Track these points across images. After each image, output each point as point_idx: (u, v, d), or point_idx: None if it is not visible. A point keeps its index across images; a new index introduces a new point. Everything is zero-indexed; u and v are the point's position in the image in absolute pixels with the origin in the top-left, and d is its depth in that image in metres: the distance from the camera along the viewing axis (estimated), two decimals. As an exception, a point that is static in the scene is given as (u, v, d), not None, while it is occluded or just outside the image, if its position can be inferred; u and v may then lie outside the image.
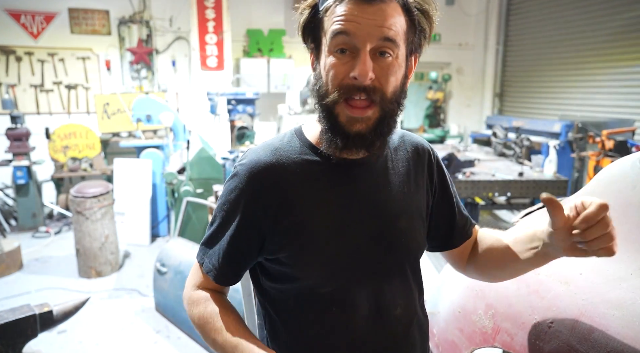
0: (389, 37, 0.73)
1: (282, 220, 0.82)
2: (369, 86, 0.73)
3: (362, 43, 0.72)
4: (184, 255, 3.00)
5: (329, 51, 0.75)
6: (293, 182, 0.82)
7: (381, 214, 0.86)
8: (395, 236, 0.86)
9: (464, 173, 3.69)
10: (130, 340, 2.91)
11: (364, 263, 0.84)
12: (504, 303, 1.06)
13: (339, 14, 0.73)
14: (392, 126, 0.80)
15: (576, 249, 0.74)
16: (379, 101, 0.75)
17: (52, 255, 4.37)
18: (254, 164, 0.83)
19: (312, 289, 0.83)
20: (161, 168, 4.79)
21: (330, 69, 0.75)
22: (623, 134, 4.08)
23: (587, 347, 0.84)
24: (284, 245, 0.82)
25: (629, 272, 0.91)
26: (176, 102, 6.27)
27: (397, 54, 0.75)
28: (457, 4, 7.75)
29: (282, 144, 0.86)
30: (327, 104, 0.76)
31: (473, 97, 8.17)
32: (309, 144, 0.86)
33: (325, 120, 0.78)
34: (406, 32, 0.77)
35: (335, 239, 0.82)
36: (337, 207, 0.83)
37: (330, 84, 0.75)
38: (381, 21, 0.72)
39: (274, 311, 0.89)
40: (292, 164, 0.83)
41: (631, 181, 1.01)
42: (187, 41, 6.33)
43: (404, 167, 0.91)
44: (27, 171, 4.91)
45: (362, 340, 0.85)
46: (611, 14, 5.55)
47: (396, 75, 0.76)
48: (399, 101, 0.79)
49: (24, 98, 5.84)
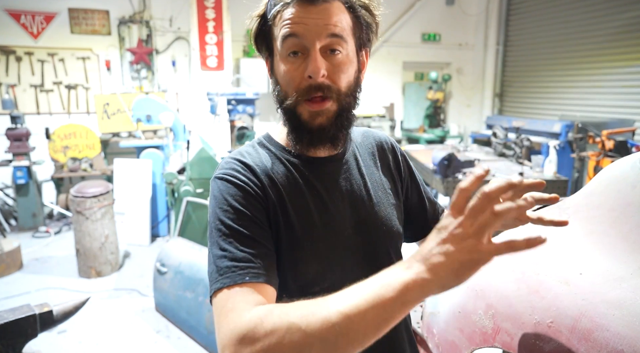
0: (335, 33, 0.76)
1: (278, 211, 0.81)
2: (323, 83, 0.77)
3: (311, 42, 0.76)
4: (184, 255, 3.00)
5: (281, 56, 0.80)
6: (276, 184, 0.82)
7: (360, 204, 0.88)
8: (376, 224, 0.89)
9: (464, 173, 3.69)
10: (130, 340, 2.91)
11: (354, 255, 0.86)
12: (504, 303, 1.06)
13: (286, 18, 0.77)
14: (350, 118, 0.84)
15: None
16: (335, 97, 0.79)
17: (52, 255, 4.37)
18: (238, 162, 0.82)
19: (306, 287, 0.81)
20: (161, 168, 4.80)
21: (285, 74, 0.79)
22: (623, 134, 4.08)
23: (587, 347, 0.84)
24: (281, 238, 0.80)
25: (629, 272, 0.91)
26: (176, 102, 6.27)
27: (346, 49, 0.79)
28: (457, 4, 7.75)
29: (255, 151, 0.87)
30: (288, 106, 0.80)
31: (473, 97, 8.18)
32: (281, 147, 0.88)
33: (289, 121, 0.82)
34: (352, 28, 0.81)
35: (326, 234, 0.83)
36: (318, 204, 0.84)
37: (288, 88, 0.80)
38: (327, 19, 0.76)
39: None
40: (272, 166, 0.84)
41: (631, 181, 1.01)
42: (187, 41, 6.34)
43: (372, 161, 0.95)
44: (27, 171, 4.91)
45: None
46: (611, 14, 5.56)
47: (348, 70, 0.80)
48: (355, 95, 0.83)
49: (24, 98, 5.84)
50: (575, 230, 1.08)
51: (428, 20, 7.72)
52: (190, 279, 2.86)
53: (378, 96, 7.48)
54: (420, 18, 7.66)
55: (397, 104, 7.65)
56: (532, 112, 7.01)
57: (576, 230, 1.08)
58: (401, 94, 7.96)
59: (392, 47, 7.59)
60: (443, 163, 3.59)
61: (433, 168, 3.74)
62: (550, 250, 1.08)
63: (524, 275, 1.05)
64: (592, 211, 1.06)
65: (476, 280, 1.13)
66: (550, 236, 1.11)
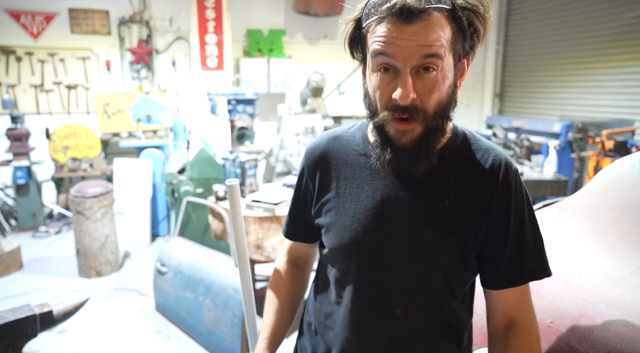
0: (431, 54, 0.73)
1: (323, 193, 0.96)
2: (410, 106, 0.75)
3: (402, 64, 0.73)
4: (184, 255, 3.00)
5: (372, 68, 0.79)
6: (340, 167, 0.94)
7: (408, 219, 0.85)
8: (415, 244, 0.85)
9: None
10: (130, 340, 2.91)
11: (372, 257, 0.89)
12: (504, 303, 1.05)
13: (379, 34, 0.74)
14: (437, 139, 0.82)
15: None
16: (422, 118, 0.78)
17: (52, 255, 4.37)
18: (313, 146, 1.01)
19: (331, 262, 0.97)
20: (161, 168, 4.79)
21: (376, 89, 0.79)
22: (623, 134, 4.08)
23: (587, 347, 0.84)
24: (319, 216, 0.97)
25: (629, 272, 0.91)
26: (176, 102, 6.27)
27: (442, 66, 0.75)
28: (457, 4, 7.75)
29: (345, 133, 0.99)
30: (378, 122, 0.82)
31: (473, 97, 8.18)
32: (367, 139, 0.94)
33: (377, 134, 0.84)
34: (453, 41, 0.75)
35: (354, 228, 0.89)
36: (367, 201, 0.89)
37: (378, 104, 0.80)
38: (422, 40, 0.72)
39: (317, 276, 1.06)
40: (345, 152, 0.95)
41: (631, 181, 1.01)
42: (187, 41, 6.33)
43: (458, 181, 0.85)
44: (27, 171, 4.91)
45: (360, 324, 0.91)
46: (611, 14, 5.55)
47: (440, 89, 0.77)
48: (446, 114, 0.81)
49: (24, 98, 5.84)
50: (575, 230, 1.08)
51: (428, 20, 7.71)
52: (190, 279, 2.86)
53: (378, 96, 7.48)
54: (420, 18, 7.65)
55: (397, 104, 7.65)
56: (532, 112, 7.01)
57: (576, 230, 1.08)
58: (401, 94, 7.97)
59: (392, 47, 7.60)
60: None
61: (433, 168, 3.74)
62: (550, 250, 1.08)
63: (524, 275, 1.05)
64: (592, 211, 1.06)
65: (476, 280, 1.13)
66: (550, 236, 1.11)
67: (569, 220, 1.12)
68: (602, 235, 1.02)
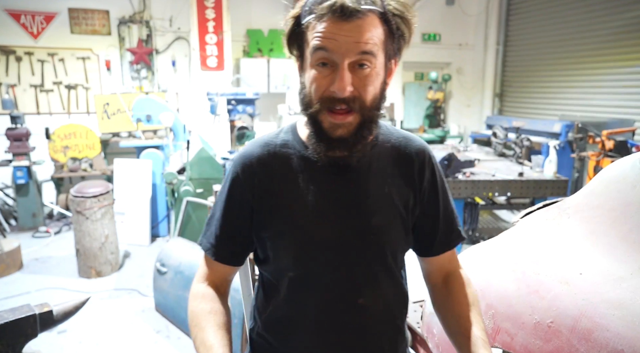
0: (365, 51, 0.78)
1: (266, 203, 0.92)
2: (348, 97, 0.80)
3: (340, 59, 0.78)
4: (184, 255, 3.00)
5: (311, 64, 0.82)
6: (279, 172, 0.92)
7: (357, 210, 0.91)
8: (365, 231, 0.91)
9: (464, 173, 3.69)
10: (130, 340, 2.91)
11: (332, 252, 0.91)
12: (504, 303, 1.06)
13: (319, 30, 0.78)
14: (372, 129, 0.88)
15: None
16: (359, 109, 0.82)
17: (52, 255, 4.37)
18: (247, 154, 0.95)
19: (283, 271, 0.93)
20: (161, 168, 4.79)
21: (312, 81, 0.82)
22: (623, 134, 4.08)
23: (587, 347, 0.84)
24: (265, 226, 0.92)
25: (629, 272, 0.91)
26: (176, 102, 6.27)
27: (375, 64, 0.81)
28: (457, 4, 7.75)
29: (274, 139, 0.96)
30: (312, 113, 0.84)
31: (473, 97, 8.18)
32: (300, 140, 0.94)
33: (311, 126, 0.86)
34: (384, 41, 0.82)
35: (309, 228, 0.90)
36: (315, 199, 0.90)
37: (313, 95, 0.83)
38: (358, 37, 0.77)
39: (262, 291, 1.00)
40: (281, 156, 0.93)
41: (631, 181, 1.01)
42: (187, 41, 6.34)
43: (391, 167, 0.95)
44: (27, 171, 4.91)
45: (325, 322, 0.93)
46: (611, 14, 5.55)
47: (374, 84, 0.83)
48: (379, 107, 0.86)
49: (24, 98, 5.84)
50: (575, 230, 1.08)
51: (428, 20, 7.71)
52: (190, 279, 2.85)
53: (378, 96, 7.48)
54: (420, 18, 7.53)
55: (397, 104, 7.65)
56: (532, 112, 7.01)
57: (576, 230, 1.08)
58: (401, 94, 7.96)
59: (392, 47, 7.60)
60: (443, 163, 3.59)
61: (433, 168, 3.74)
62: (550, 250, 1.08)
63: (524, 275, 1.05)
64: (592, 211, 1.06)
65: (476, 280, 1.13)
66: (550, 236, 1.11)
67: (569, 220, 1.12)
68: (602, 235, 1.02)
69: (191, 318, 0.93)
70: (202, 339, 0.86)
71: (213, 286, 0.98)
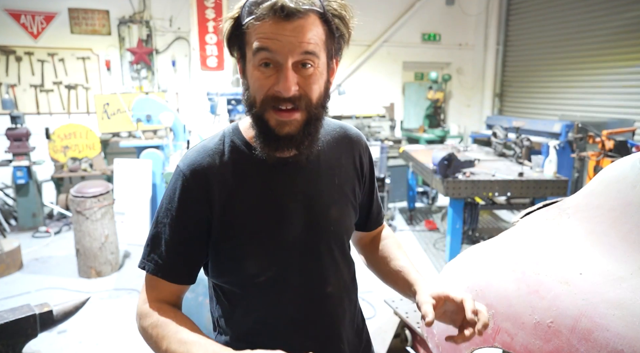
0: (308, 51, 0.79)
1: (225, 214, 0.89)
2: (294, 95, 0.81)
3: (284, 59, 0.79)
4: (184, 255, 3.00)
5: (253, 64, 0.82)
6: (233, 180, 0.90)
7: (313, 205, 0.94)
8: (326, 225, 0.96)
9: (464, 173, 3.69)
10: (130, 340, 2.91)
11: (298, 249, 0.93)
12: (504, 303, 1.06)
13: (261, 31, 0.79)
14: (318, 126, 0.89)
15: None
16: (305, 106, 0.83)
17: (52, 255, 4.37)
18: (195, 165, 0.89)
19: (254, 277, 0.92)
20: (161, 168, 4.79)
21: (255, 81, 0.82)
22: (623, 134, 4.08)
23: (587, 347, 0.84)
24: (227, 240, 0.90)
25: (629, 272, 0.92)
26: (176, 102, 6.28)
27: (317, 63, 0.82)
28: (457, 4, 7.75)
29: (219, 145, 0.93)
30: (256, 113, 0.84)
31: (473, 97, 8.18)
32: (245, 142, 0.92)
33: (257, 126, 0.86)
34: (325, 41, 0.83)
35: (273, 231, 0.91)
36: (274, 201, 0.91)
37: (257, 95, 0.83)
38: (301, 37, 0.78)
39: (222, 294, 0.98)
40: (231, 162, 0.91)
41: (631, 181, 1.01)
42: (187, 41, 6.34)
43: (336, 159, 0.99)
44: (27, 171, 4.91)
45: (301, 318, 0.96)
46: (611, 14, 5.56)
47: (318, 82, 0.84)
48: (324, 104, 0.88)
49: (24, 98, 5.84)
50: (575, 230, 1.08)
51: (428, 20, 7.72)
52: (190, 279, 2.85)
53: (378, 96, 7.48)
54: (420, 18, 7.65)
55: (397, 104, 7.65)
56: (532, 112, 7.01)
57: (576, 230, 1.08)
58: (401, 94, 7.96)
59: (392, 47, 7.60)
60: (443, 163, 3.59)
61: (433, 168, 3.74)
62: (550, 250, 1.08)
63: (524, 275, 1.05)
64: (592, 211, 1.06)
65: (476, 280, 1.13)
66: (550, 236, 1.11)
67: (569, 220, 1.12)
68: (602, 235, 1.02)
69: (151, 334, 0.84)
70: (179, 340, 0.80)
71: (165, 303, 0.91)
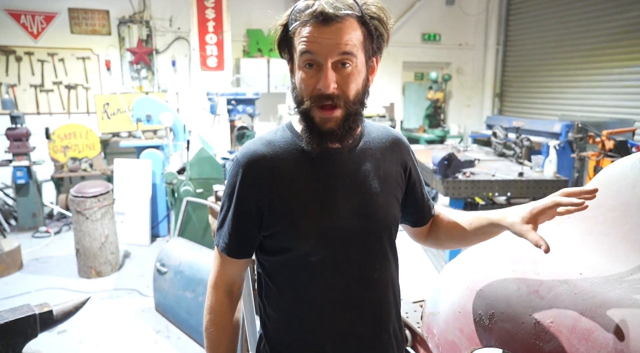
0: (346, 51, 0.88)
1: (276, 200, 0.98)
2: (333, 94, 0.90)
3: (324, 59, 0.88)
4: (184, 255, 3.00)
5: (299, 65, 0.92)
6: (285, 168, 0.99)
7: (362, 192, 1.02)
8: (374, 211, 1.03)
9: (464, 173, 3.69)
10: (130, 340, 2.91)
11: (348, 233, 1.00)
12: (504, 303, 1.05)
13: (304, 35, 0.89)
14: (357, 121, 0.97)
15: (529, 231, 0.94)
16: (343, 104, 0.92)
17: (52, 255, 4.37)
18: (251, 153, 1.00)
19: (305, 257, 0.99)
20: (161, 168, 4.79)
21: (302, 82, 0.93)
22: (623, 134, 4.08)
23: (587, 347, 0.84)
24: (279, 221, 0.99)
25: (629, 272, 0.92)
26: (176, 102, 6.27)
27: (355, 63, 0.90)
28: (457, 4, 7.75)
29: (274, 137, 1.04)
30: (304, 110, 0.94)
31: (473, 97, 8.18)
32: (297, 134, 1.02)
33: (303, 121, 0.96)
34: (363, 42, 0.92)
35: (323, 214, 0.99)
36: (323, 188, 0.99)
37: (303, 94, 0.93)
38: (338, 39, 0.87)
39: (270, 280, 1.05)
40: (284, 152, 1.00)
41: (631, 181, 1.01)
42: (187, 41, 6.34)
43: (381, 155, 1.07)
44: (27, 171, 4.91)
45: (348, 301, 1.02)
46: (611, 14, 5.56)
47: (356, 80, 0.92)
48: (362, 101, 0.96)
49: (24, 98, 5.84)
50: (575, 230, 1.08)
51: (428, 20, 7.72)
52: (190, 279, 2.86)
53: (378, 96, 7.48)
54: (420, 18, 7.65)
55: (397, 104, 7.65)
56: (532, 112, 7.01)
57: (576, 229, 1.08)
58: (401, 94, 7.96)
59: (392, 47, 7.59)
60: (443, 163, 3.59)
61: (433, 168, 3.74)
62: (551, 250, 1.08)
63: (524, 275, 1.05)
64: (591, 211, 1.06)
65: (476, 280, 1.13)
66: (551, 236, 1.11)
67: (569, 220, 1.12)
68: (602, 235, 1.02)
69: (208, 339, 1.07)
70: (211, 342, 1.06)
71: (227, 290, 1.06)
